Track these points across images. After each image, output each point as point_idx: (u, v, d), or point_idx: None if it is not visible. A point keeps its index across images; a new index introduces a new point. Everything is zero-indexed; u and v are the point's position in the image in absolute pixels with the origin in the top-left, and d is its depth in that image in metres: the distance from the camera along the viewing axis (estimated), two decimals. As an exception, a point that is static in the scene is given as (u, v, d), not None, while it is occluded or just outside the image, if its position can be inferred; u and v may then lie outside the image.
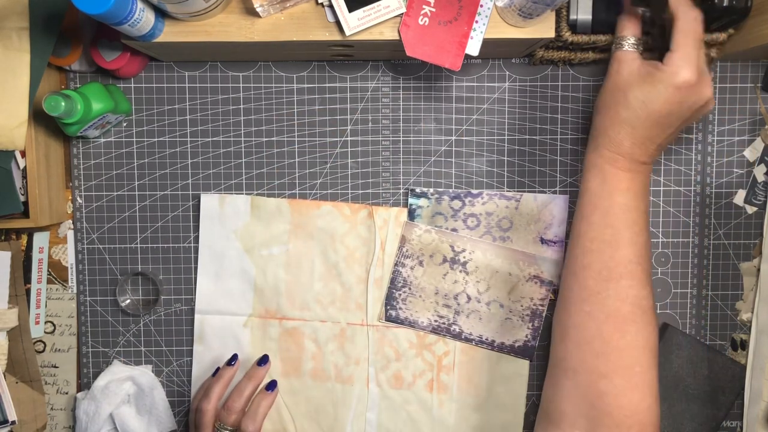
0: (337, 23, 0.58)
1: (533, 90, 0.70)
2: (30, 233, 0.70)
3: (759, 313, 0.69)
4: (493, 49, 0.65)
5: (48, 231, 0.71)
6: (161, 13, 0.57)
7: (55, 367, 0.71)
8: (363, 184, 0.70)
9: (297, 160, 0.70)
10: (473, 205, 0.69)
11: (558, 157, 0.70)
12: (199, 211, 0.70)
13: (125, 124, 0.70)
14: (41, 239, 0.70)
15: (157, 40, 0.58)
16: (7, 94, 0.62)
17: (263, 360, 0.69)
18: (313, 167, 0.70)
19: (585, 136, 0.70)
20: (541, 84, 0.70)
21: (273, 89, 0.70)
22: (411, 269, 0.69)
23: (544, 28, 0.59)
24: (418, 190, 0.69)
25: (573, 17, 0.61)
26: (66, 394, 0.72)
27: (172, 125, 0.70)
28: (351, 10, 0.57)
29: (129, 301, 0.71)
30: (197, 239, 0.70)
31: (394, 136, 0.70)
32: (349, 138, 0.70)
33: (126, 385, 0.69)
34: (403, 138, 0.70)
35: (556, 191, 0.70)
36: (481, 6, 0.57)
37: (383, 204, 0.70)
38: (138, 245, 0.71)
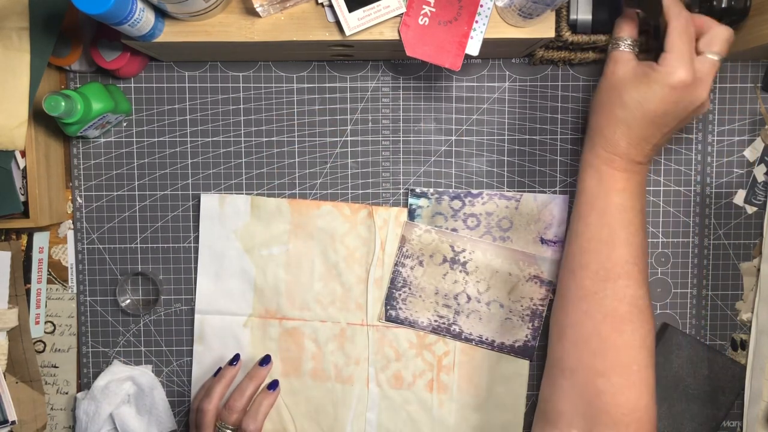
0: (337, 23, 0.58)
1: (533, 90, 0.70)
2: (30, 233, 0.70)
3: (759, 313, 0.69)
4: (493, 49, 0.65)
5: (48, 231, 0.71)
6: (161, 13, 0.57)
7: (55, 367, 0.71)
8: (363, 184, 0.70)
9: (297, 160, 0.70)
10: (473, 205, 0.69)
11: (558, 157, 0.70)
12: (199, 211, 0.70)
13: (125, 124, 0.70)
14: (41, 239, 0.70)
15: (157, 40, 0.58)
16: (7, 94, 0.62)
17: (265, 360, 0.69)
18: (313, 167, 0.70)
19: (584, 136, 0.70)
20: (541, 84, 0.70)
21: (273, 89, 0.70)
22: (411, 269, 0.69)
23: (544, 28, 0.59)
24: (418, 190, 0.69)
25: (573, 17, 0.61)
26: (66, 394, 0.72)
27: (172, 125, 0.70)
28: (351, 10, 0.57)
29: (129, 301, 0.71)
30: (197, 239, 0.70)
31: (394, 136, 0.70)
32: (349, 138, 0.70)
33: (126, 385, 0.69)
34: (403, 138, 0.70)
35: (556, 191, 0.70)
36: (481, 6, 0.57)
37: (383, 204, 0.70)
38: (138, 245, 0.71)
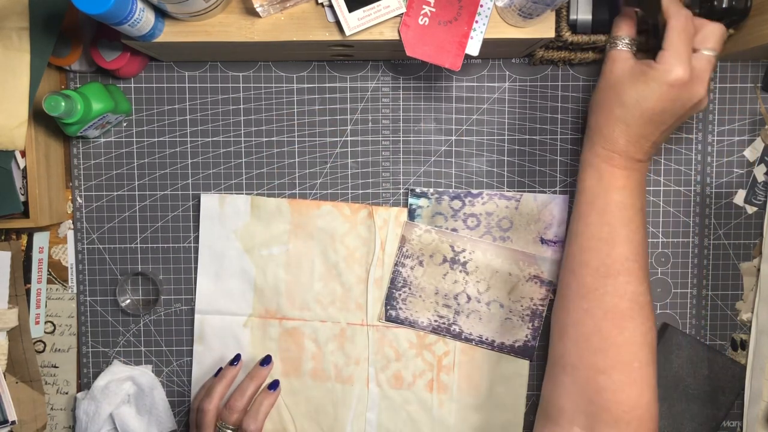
0: (337, 23, 0.58)
1: (533, 90, 0.70)
2: (30, 233, 0.70)
3: (759, 313, 0.69)
4: (493, 49, 0.64)
5: (48, 231, 0.71)
6: (161, 13, 0.57)
7: (55, 367, 0.71)
8: (363, 184, 0.70)
9: (297, 160, 0.70)
10: (473, 205, 0.69)
11: (558, 157, 0.70)
12: (199, 211, 0.70)
13: (125, 124, 0.70)
14: (41, 239, 0.70)
15: (157, 40, 0.58)
16: (7, 94, 0.62)
17: (266, 360, 0.69)
18: (313, 167, 0.70)
19: (584, 135, 0.69)
20: (541, 84, 0.70)
21: (273, 89, 0.70)
22: (411, 269, 0.69)
23: (544, 28, 0.59)
24: (418, 190, 0.69)
25: (573, 17, 0.61)
26: (66, 394, 0.72)
27: (172, 125, 0.70)
28: (351, 10, 0.57)
29: (129, 301, 0.71)
30: (197, 239, 0.70)
31: (394, 136, 0.70)
32: (349, 138, 0.70)
33: (126, 385, 0.69)
34: (403, 138, 0.70)
35: (556, 191, 0.70)
36: (481, 6, 0.57)
37: (383, 204, 0.70)
38: (138, 245, 0.71)
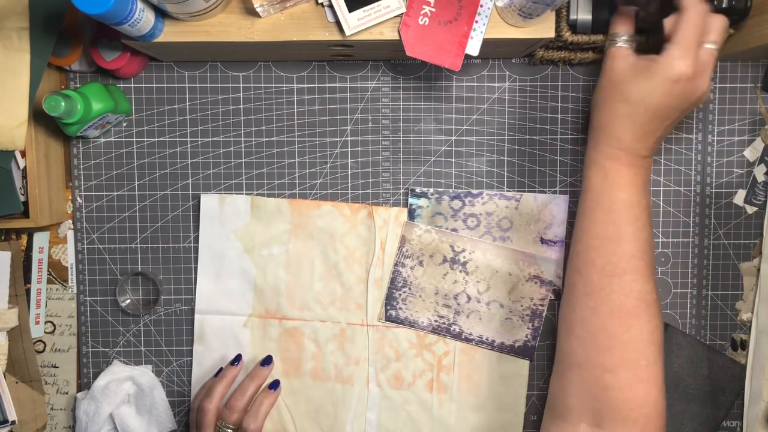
0: (337, 23, 0.58)
1: (533, 90, 0.70)
2: (30, 233, 0.70)
3: (759, 313, 0.69)
4: (493, 49, 0.64)
5: (48, 231, 0.71)
6: (161, 13, 0.57)
7: (55, 367, 0.71)
8: (363, 184, 0.70)
9: (297, 160, 0.70)
10: (473, 205, 0.69)
11: (558, 157, 0.70)
12: (199, 211, 0.70)
13: (125, 124, 0.70)
14: (41, 239, 0.70)
15: (157, 40, 0.58)
16: (7, 94, 0.62)
17: (267, 360, 0.69)
18: (313, 167, 0.70)
19: (585, 135, 0.70)
20: (541, 84, 0.70)
21: (273, 89, 0.70)
22: (411, 269, 0.69)
23: (544, 28, 0.59)
24: (418, 190, 0.69)
25: (573, 17, 0.61)
26: (66, 394, 0.72)
27: (172, 125, 0.70)
28: (351, 10, 0.57)
29: (129, 301, 0.71)
30: (197, 239, 0.70)
31: (394, 136, 0.70)
32: (349, 138, 0.70)
33: (126, 385, 0.69)
34: (403, 138, 0.70)
35: (556, 191, 0.70)
36: (481, 6, 0.57)
37: (383, 204, 0.70)
38: (138, 245, 0.71)
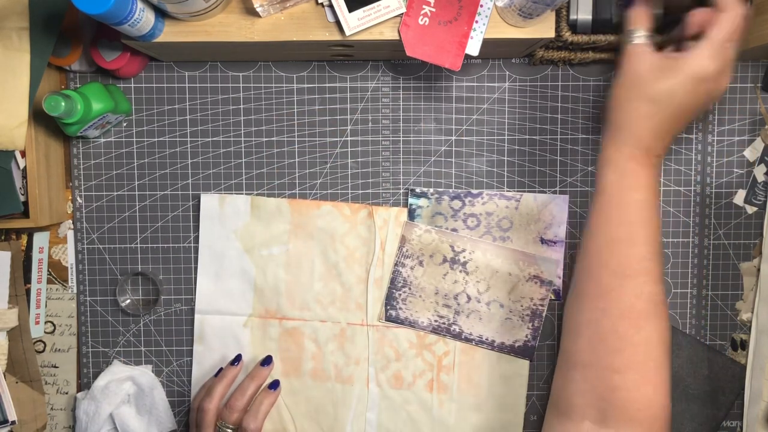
0: (337, 23, 0.58)
1: (533, 90, 0.70)
2: (30, 233, 0.70)
3: (759, 313, 0.69)
4: (493, 49, 0.64)
5: (48, 231, 0.71)
6: (161, 13, 0.57)
7: (55, 367, 0.71)
8: (363, 184, 0.70)
9: (297, 160, 0.70)
10: (473, 205, 0.69)
11: (558, 157, 0.70)
12: (199, 211, 0.70)
13: (125, 124, 0.70)
14: (41, 239, 0.70)
15: (157, 40, 0.58)
16: (7, 94, 0.62)
17: (267, 360, 0.69)
18: (313, 167, 0.70)
19: (585, 136, 0.70)
20: (541, 84, 0.70)
21: (273, 89, 0.70)
22: (411, 269, 0.69)
23: (544, 28, 0.59)
24: (418, 190, 0.69)
25: (573, 17, 0.61)
26: (66, 394, 0.72)
27: (172, 125, 0.70)
28: (351, 10, 0.57)
29: (129, 301, 0.71)
30: (197, 239, 0.70)
31: (394, 136, 0.70)
32: (349, 138, 0.70)
33: (126, 385, 0.69)
34: (403, 138, 0.70)
35: (556, 191, 0.70)
36: (481, 6, 0.57)
37: (383, 204, 0.70)
38: (138, 245, 0.71)
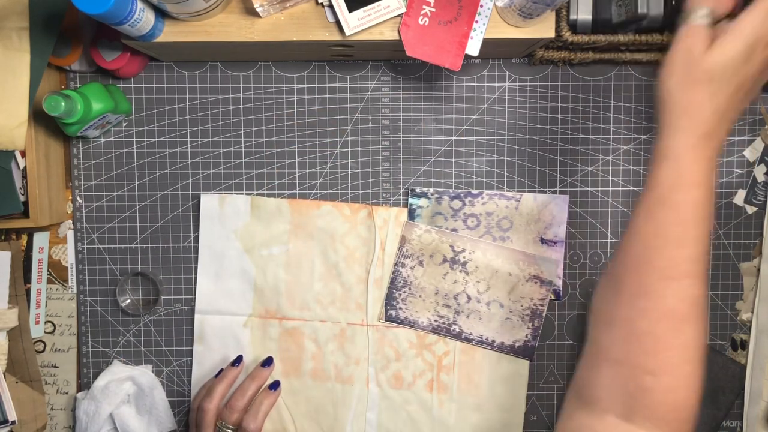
0: (337, 23, 0.58)
1: (533, 90, 0.70)
2: (30, 233, 0.70)
3: (759, 313, 0.69)
4: (493, 49, 0.64)
5: (48, 231, 0.71)
6: (161, 13, 0.57)
7: (55, 367, 0.71)
8: (363, 184, 0.70)
9: (297, 160, 0.70)
10: (473, 205, 0.69)
11: (558, 157, 0.70)
12: (199, 211, 0.70)
13: (125, 124, 0.70)
14: (41, 239, 0.70)
15: (157, 40, 0.58)
16: (7, 94, 0.62)
17: (267, 361, 0.69)
18: (313, 167, 0.70)
19: (585, 136, 0.70)
20: (541, 84, 0.70)
21: (273, 89, 0.70)
22: (411, 269, 0.69)
23: (544, 28, 0.59)
24: (418, 190, 0.69)
25: (573, 17, 0.61)
26: (66, 394, 0.72)
27: (172, 125, 0.70)
28: (351, 10, 0.57)
29: (129, 301, 0.71)
30: (197, 239, 0.70)
31: (394, 136, 0.70)
32: (349, 138, 0.70)
33: (126, 385, 0.69)
34: (403, 138, 0.70)
35: (556, 191, 0.70)
36: (481, 6, 0.57)
37: (383, 204, 0.70)
38: (138, 245, 0.71)
